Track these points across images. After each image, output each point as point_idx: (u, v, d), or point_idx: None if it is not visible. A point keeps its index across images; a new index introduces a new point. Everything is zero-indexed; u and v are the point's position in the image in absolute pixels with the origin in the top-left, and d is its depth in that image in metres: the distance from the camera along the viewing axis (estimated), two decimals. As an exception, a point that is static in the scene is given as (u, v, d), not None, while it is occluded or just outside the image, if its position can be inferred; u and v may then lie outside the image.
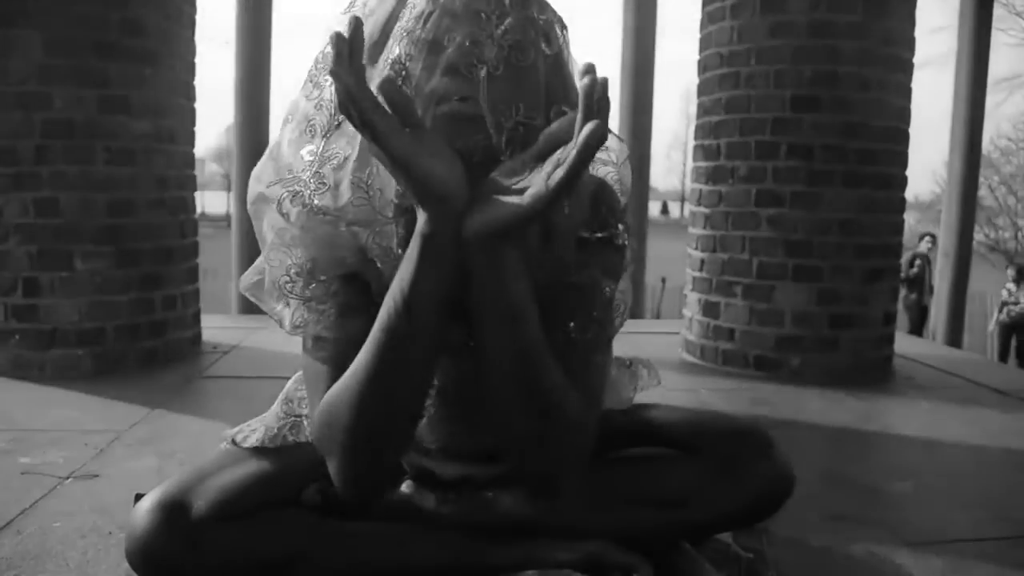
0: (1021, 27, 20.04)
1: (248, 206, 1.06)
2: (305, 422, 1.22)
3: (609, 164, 1.08)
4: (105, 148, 2.98)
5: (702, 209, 3.47)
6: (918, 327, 8.33)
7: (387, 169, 0.82)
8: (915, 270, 8.46)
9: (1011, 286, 8.52)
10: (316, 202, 0.95)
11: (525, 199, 0.76)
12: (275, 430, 1.23)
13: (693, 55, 3.61)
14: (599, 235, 1.03)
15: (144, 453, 2.12)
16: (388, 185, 0.95)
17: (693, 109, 3.67)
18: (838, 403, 2.88)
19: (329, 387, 0.96)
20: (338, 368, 0.95)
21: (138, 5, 3.03)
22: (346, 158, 0.94)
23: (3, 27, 2.90)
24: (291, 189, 0.97)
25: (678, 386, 3.02)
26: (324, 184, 0.94)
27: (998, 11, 6.74)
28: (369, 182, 0.94)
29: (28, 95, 2.90)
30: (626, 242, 1.06)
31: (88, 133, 2.95)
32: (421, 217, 0.81)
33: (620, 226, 1.06)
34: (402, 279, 0.83)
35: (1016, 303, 8.32)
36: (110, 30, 2.97)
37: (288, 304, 1.02)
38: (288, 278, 1.00)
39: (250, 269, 1.12)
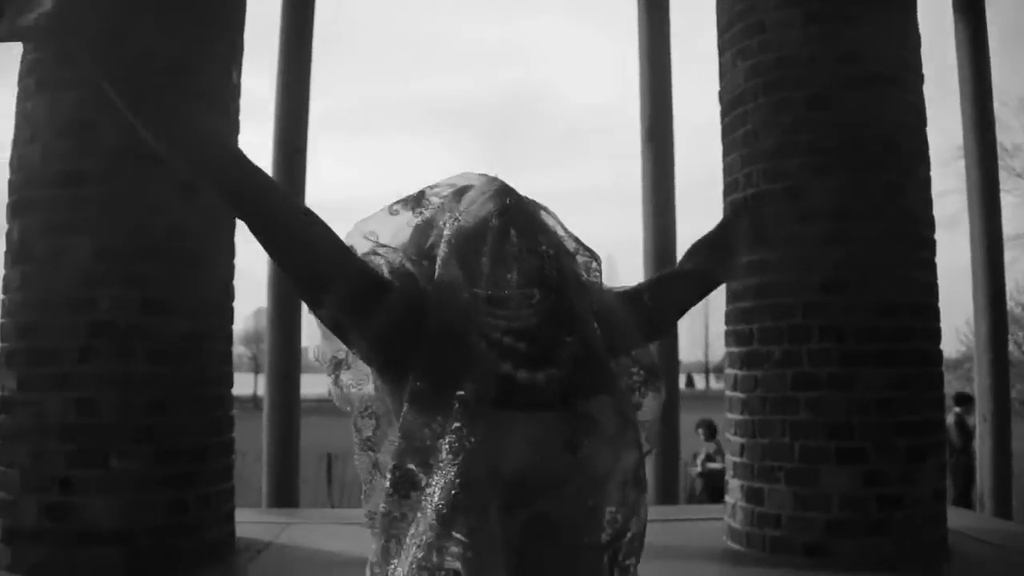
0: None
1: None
2: None
3: None
4: (145, 349, 3.02)
5: (738, 394, 3.43)
6: (965, 492, 7.96)
7: None
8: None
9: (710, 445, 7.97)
10: None
11: None
12: None
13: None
14: None
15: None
16: None
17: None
18: (899, 595, 2.74)
19: None
20: None
21: (182, 211, 3.12)
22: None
23: (57, 235, 3.03)
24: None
25: (726, 580, 2.89)
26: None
27: (1000, 173, 6.96)
28: None
29: (75, 299, 2.99)
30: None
31: (130, 334, 3.00)
32: None
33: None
34: None
35: (712, 460, 7.84)
36: (154, 235, 3.08)
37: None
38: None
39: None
